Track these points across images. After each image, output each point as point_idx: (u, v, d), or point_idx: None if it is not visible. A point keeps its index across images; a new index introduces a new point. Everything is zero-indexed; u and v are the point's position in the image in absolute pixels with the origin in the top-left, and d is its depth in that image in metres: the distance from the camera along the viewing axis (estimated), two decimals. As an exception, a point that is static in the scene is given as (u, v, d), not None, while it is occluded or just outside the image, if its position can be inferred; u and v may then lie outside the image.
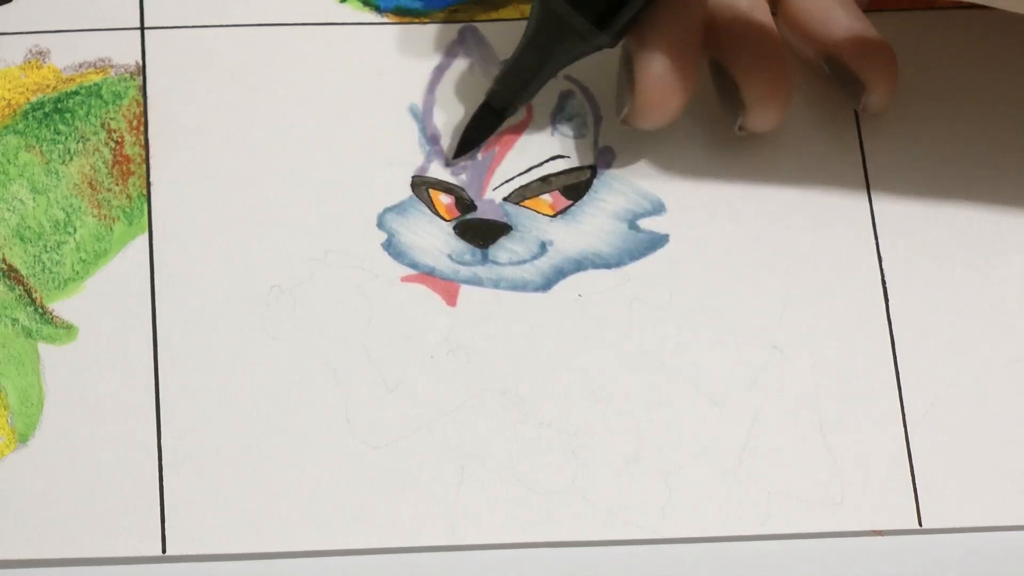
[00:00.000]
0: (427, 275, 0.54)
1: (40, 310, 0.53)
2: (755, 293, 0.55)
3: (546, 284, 0.55)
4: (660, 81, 0.53)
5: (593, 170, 0.56)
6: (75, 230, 0.54)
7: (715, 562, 0.52)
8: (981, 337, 0.55)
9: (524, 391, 0.53)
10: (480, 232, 0.55)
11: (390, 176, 0.56)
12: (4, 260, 0.54)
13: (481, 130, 0.56)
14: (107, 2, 0.57)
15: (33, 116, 0.55)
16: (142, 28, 0.57)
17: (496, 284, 0.54)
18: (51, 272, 0.54)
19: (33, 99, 0.55)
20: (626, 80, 0.54)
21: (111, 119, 0.55)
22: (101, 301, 0.53)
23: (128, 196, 0.55)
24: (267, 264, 0.54)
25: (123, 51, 0.56)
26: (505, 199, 0.56)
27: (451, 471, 0.52)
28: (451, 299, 0.54)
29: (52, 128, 0.55)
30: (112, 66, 0.56)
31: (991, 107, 0.58)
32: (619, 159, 0.56)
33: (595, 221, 0.55)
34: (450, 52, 0.57)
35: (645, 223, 0.56)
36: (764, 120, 0.54)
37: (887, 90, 0.55)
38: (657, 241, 0.55)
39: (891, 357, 0.55)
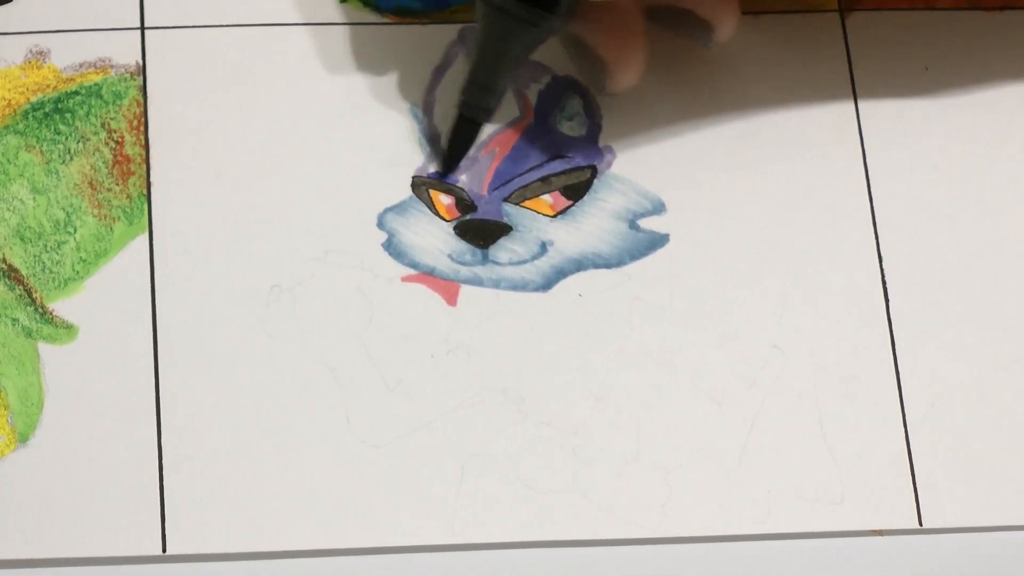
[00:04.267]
0: (427, 275, 0.54)
1: (40, 310, 0.53)
2: (755, 293, 0.55)
3: (546, 284, 0.55)
4: (622, 44, 0.54)
5: (593, 170, 0.56)
6: (75, 230, 0.54)
7: (715, 561, 0.52)
8: (981, 337, 0.55)
9: (524, 390, 0.53)
10: (480, 232, 0.55)
11: (390, 176, 0.56)
12: (4, 260, 0.54)
13: (462, 141, 0.56)
14: (107, 2, 0.57)
15: (33, 116, 0.55)
16: (142, 28, 0.57)
17: (496, 284, 0.54)
18: (51, 272, 0.54)
19: (33, 99, 0.55)
20: (586, 61, 0.55)
21: (111, 119, 0.55)
22: (101, 301, 0.53)
23: (128, 196, 0.55)
24: (267, 264, 0.54)
25: (123, 51, 0.56)
26: (505, 199, 0.56)
27: (451, 470, 0.52)
28: (451, 299, 0.54)
29: (52, 128, 0.55)
30: (112, 66, 0.56)
31: (991, 107, 0.58)
32: (619, 159, 0.56)
33: (595, 221, 0.55)
34: (450, 52, 0.57)
35: (645, 223, 0.56)
36: (626, 79, 0.55)
37: (732, 23, 0.55)
38: (657, 241, 0.55)
39: (891, 357, 0.55)
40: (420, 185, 0.56)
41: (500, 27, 0.53)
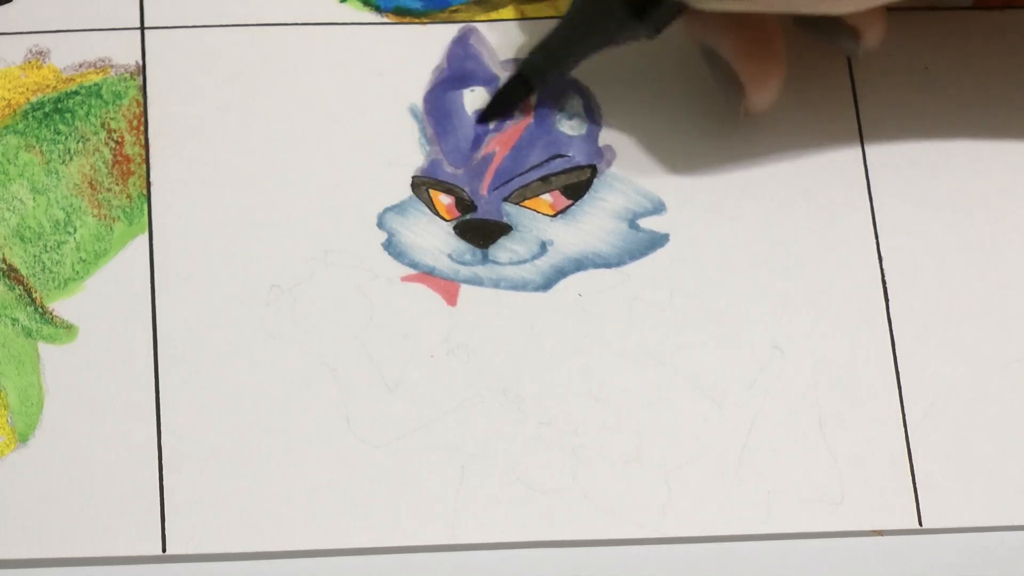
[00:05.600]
0: (427, 275, 0.54)
1: (40, 310, 0.53)
2: (755, 293, 0.55)
3: (546, 284, 0.55)
4: (758, 59, 0.53)
5: (593, 169, 0.56)
6: (75, 230, 0.54)
7: (715, 562, 0.52)
8: (981, 337, 0.55)
9: (524, 390, 0.53)
10: (480, 232, 0.55)
11: (390, 176, 0.56)
12: (4, 260, 0.54)
13: (510, 98, 0.56)
14: (107, 2, 0.57)
15: (33, 116, 0.55)
16: (142, 28, 0.57)
17: (496, 284, 0.54)
18: (51, 272, 0.54)
19: (33, 99, 0.56)
20: (723, 77, 0.54)
21: (111, 119, 0.55)
22: (101, 301, 0.53)
23: (128, 196, 0.55)
24: (267, 264, 0.54)
25: (123, 51, 0.56)
26: (505, 199, 0.56)
27: (451, 471, 0.52)
28: (451, 299, 0.54)
29: (52, 128, 0.55)
30: (112, 66, 0.56)
31: (991, 107, 0.58)
32: (619, 158, 0.56)
33: (595, 220, 0.56)
34: (450, 52, 0.57)
35: (645, 222, 0.56)
36: (762, 99, 0.54)
37: (879, 29, 0.55)
38: (657, 240, 0.55)
39: (891, 357, 0.55)
40: (420, 185, 0.56)
41: (596, 12, 0.53)
